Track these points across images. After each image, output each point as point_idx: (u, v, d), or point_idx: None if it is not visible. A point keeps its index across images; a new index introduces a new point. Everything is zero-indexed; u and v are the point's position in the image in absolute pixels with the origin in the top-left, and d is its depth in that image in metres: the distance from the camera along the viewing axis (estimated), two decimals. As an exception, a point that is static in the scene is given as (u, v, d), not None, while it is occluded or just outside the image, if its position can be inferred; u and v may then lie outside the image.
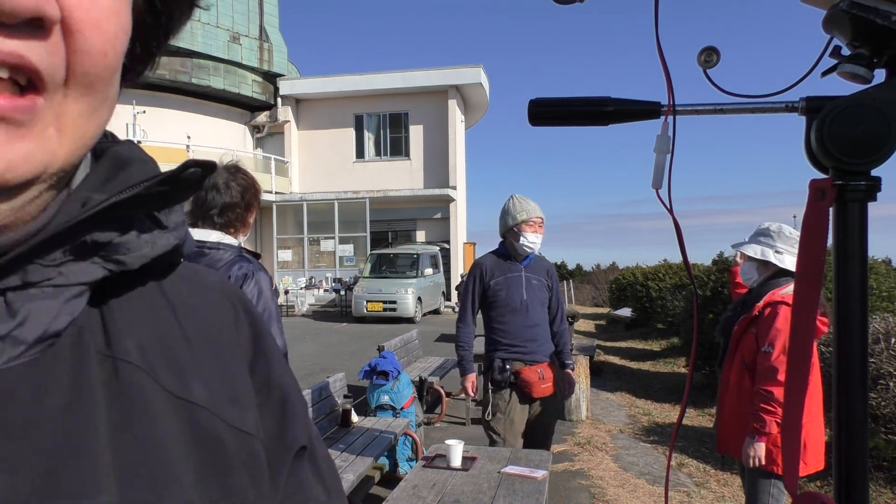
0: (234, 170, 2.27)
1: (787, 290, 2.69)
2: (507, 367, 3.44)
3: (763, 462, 2.63)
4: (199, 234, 2.17)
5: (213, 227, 2.19)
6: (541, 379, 3.45)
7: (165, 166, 0.39)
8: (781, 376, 2.54)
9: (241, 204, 2.22)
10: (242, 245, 2.26)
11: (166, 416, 0.38)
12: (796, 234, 2.76)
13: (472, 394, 3.69)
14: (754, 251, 2.75)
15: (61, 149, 0.33)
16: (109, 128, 0.40)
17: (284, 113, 22.57)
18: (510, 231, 3.53)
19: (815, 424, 2.71)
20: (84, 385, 0.35)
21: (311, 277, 20.48)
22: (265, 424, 0.45)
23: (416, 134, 22.24)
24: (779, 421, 2.64)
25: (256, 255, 2.24)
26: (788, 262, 2.70)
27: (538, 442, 3.52)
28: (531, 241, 3.49)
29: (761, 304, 2.72)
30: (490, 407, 3.49)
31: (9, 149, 0.30)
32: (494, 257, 3.60)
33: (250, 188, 2.26)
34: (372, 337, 12.36)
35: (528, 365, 3.46)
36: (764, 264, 2.76)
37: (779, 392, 2.57)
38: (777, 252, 2.72)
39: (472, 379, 3.62)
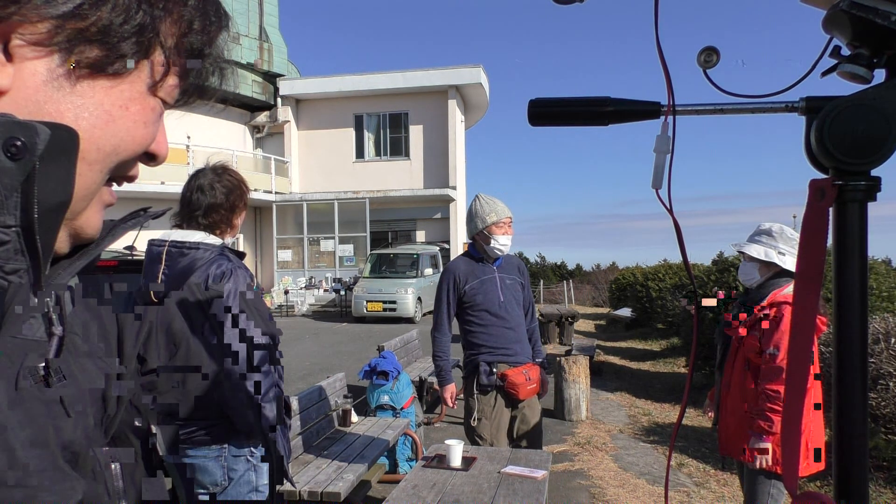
0: (221, 171, 2.27)
1: (789, 290, 2.69)
2: (494, 370, 3.40)
3: (770, 462, 2.63)
4: (181, 234, 2.17)
5: (198, 228, 2.19)
6: (527, 380, 3.42)
7: (167, 166, 0.40)
8: None
9: (226, 205, 2.22)
10: (229, 245, 2.27)
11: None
12: (797, 235, 2.76)
13: (451, 404, 3.63)
14: (757, 252, 2.74)
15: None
16: None
17: (284, 113, 22.57)
18: (480, 234, 3.47)
19: (816, 425, 2.71)
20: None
21: (311, 277, 20.48)
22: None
23: (416, 134, 22.24)
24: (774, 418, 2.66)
25: (240, 255, 2.24)
26: (790, 263, 2.69)
27: (533, 443, 3.51)
28: (502, 242, 3.45)
29: (765, 303, 2.71)
30: (476, 412, 3.43)
31: (100, 219, 0.56)
32: (466, 260, 3.55)
33: (236, 189, 2.25)
34: (372, 337, 12.36)
35: (513, 367, 3.42)
36: (766, 265, 2.76)
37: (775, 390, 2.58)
38: (780, 253, 2.71)
39: (452, 389, 3.57)
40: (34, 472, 0.56)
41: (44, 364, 0.60)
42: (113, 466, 0.89)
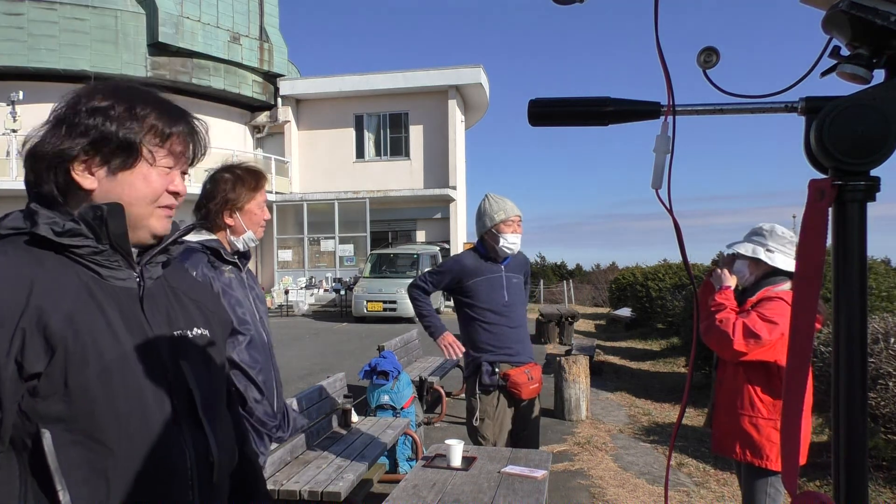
0: (215, 169, 2.41)
1: (781, 287, 2.69)
2: (496, 370, 3.39)
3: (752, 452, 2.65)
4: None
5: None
6: (529, 380, 3.42)
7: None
8: (760, 329, 2.56)
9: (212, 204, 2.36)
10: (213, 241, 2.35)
11: (187, 303, 1.21)
12: (789, 233, 2.75)
13: (457, 351, 3.44)
14: (746, 249, 2.75)
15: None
16: None
17: (284, 113, 22.57)
18: (488, 232, 3.45)
19: (806, 421, 2.73)
20: (170, 292, 1.18)
21: (312, 277, 20.49)
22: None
23: (416, 134, 22.24)
24: (717, 308, 2.69)
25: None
26: (779, 261, 2.68)
27: (531, 442, 3.51)
28: (511, 241, 3.43)
29: (754, 299, 2.71)
30: (478, 412, 3.42)
31: (166, 224, 1.14)
32: (475, 256, 3.52)
33: (220, 191, 2.36)
34: (372, 337, 12.36)
35: (515, 366, 3.41)
36: (755, 263, 2.75)
37: (723, 318, 2.64)
38: (768, 251, 2.70)
39: (450, 336, 3.44)
40: None
41: None
42: (17, 469, 0.97)
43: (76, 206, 1.05)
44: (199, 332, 1.17)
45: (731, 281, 2.78)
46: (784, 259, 2.69)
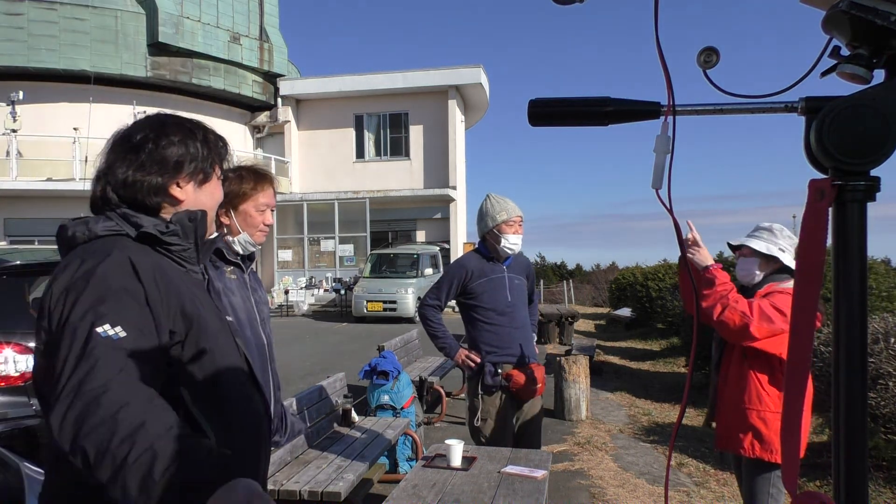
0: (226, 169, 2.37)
1: (786, 284, 2.70)
2: (499, 371, 3.39)
3: (760, 448, 2.65)
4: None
5: None
6: (532, 380, 3.42)
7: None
8: (769, 312, 2.53)
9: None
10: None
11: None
12: (795, 236, 2.77)
13: (474, 362, 3.43)
14: (760, 245, 2.74)
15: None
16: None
17: (284, 113, 22.57)
18: (490, 233, 3.47)
19: (805, 419, 2.73)
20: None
21: (312, 277, 20.48)
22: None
23: (416, 134, 22.23)
24: (726, 288, 2.62)
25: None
26: (789, 260, 2.71)
27: (533, 442, 3.51)
28: (513, 242, 3.44)
29: (762, 291, 2.71)
30: (479, 413, 3.42)
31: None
32: (478, 257, 3.53)
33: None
34: (372, 337, 12.36)
35: (518, 367, 3.42)
36: (766, 260, 2.75)
37: (736, 297, 2.58)
38: (780, 249, 2.72)
39: (463, 352, 3.48)
40: (133, 406, 0.97)
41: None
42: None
43: (165, 214, 1.32)
44: (230, 318, 1.44)
45: (710, 259, 2.73)
46: (791, 260, 2.72)
